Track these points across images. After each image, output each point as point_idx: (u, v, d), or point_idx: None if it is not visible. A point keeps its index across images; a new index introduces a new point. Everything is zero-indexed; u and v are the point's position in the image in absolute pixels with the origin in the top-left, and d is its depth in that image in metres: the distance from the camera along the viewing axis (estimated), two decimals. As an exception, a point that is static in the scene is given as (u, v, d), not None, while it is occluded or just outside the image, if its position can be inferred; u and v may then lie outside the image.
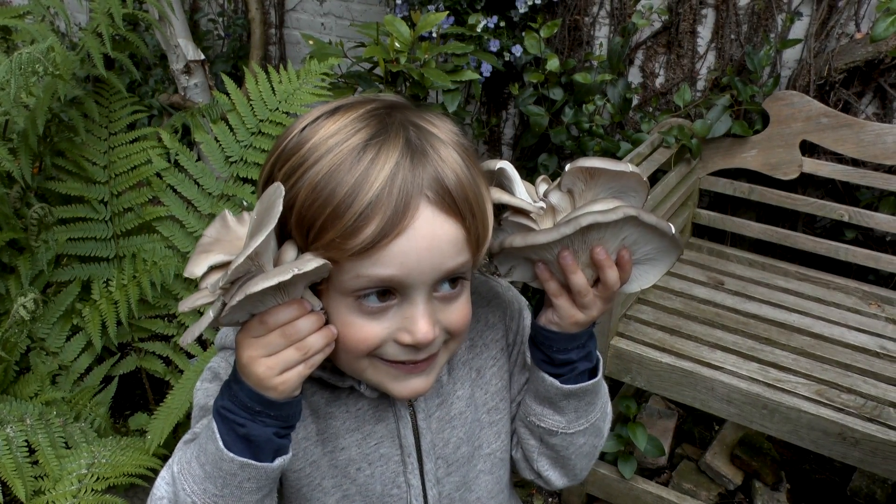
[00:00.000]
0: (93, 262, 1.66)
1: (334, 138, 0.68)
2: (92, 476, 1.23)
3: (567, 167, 0.74)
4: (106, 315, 1.57)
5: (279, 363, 0.66)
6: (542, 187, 0.78)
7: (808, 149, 2.13)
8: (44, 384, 1.47)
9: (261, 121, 1.62)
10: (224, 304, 0.65)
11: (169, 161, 1.68)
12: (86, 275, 1.64)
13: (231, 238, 0.72)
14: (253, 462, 0.69)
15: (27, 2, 3.63)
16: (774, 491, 1.99)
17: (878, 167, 2.04)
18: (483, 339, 0.88)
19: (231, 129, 1.63)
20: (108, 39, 1.47)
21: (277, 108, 1.63)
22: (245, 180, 1.61)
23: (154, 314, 1.66)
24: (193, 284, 1.64)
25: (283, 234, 0.70)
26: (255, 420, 0.68)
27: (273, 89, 1.65)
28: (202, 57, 2.50)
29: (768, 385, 1.69)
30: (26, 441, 1.24)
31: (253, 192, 1.61)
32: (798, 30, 2.14)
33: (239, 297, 0.63)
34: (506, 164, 0.77)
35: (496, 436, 0.88)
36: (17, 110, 1.31)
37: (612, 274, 0.74)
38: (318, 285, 0.71)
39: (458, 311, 0.74)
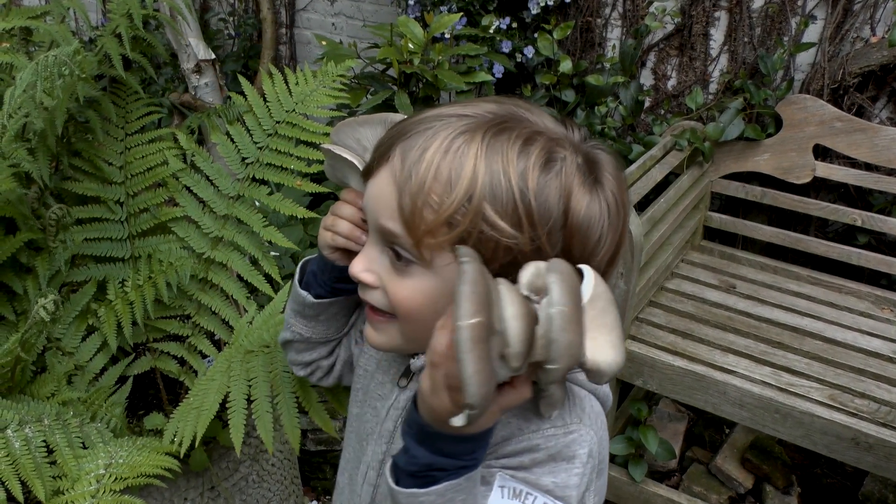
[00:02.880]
0: (108, 262, 1.66)
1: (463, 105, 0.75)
2: (110, 476, 1.23)
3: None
4: (121, 315, 1.57)
5: (324, 221, 0.87)
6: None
7: (821, 153, 2.13)
8: (60, 384, 1.47)
9: (277, 122, 1.62)
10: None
11: (185, 162, 1.68)
12: (101, 275, 1.63)
13: None
14: (297, 274, 0.95)
15: (39, 1, 3.63)
16: (785, 495, 1.99)
17: (891, 172, 2.03)
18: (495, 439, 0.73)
19: (248, 130, 1.63)
20: (128, 41, 1.47)
21: (294, 110, 1.62)
22: (261, 182, 1.61)
23: (169, 315, 1.66)
24: (208, 286, 1.64)
25: None
26: (317, 257, 0.93)
27: (290, 90, 1.65)
28: (213, 56, 2.50)
29: (781, 389, 1.69)
30: (44, 441, 1.24)
31: (269, 194, 1.61)
32: (812, 33, 2.14)
33: (321, 148, 0.92)
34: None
35: None
36: (37, 111, 1.31)
37: (437, 337, 0.66)
38: None
39: (401, 285, 0.72)
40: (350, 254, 0.85)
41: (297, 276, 0.95)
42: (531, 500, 0.70)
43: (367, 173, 0.75)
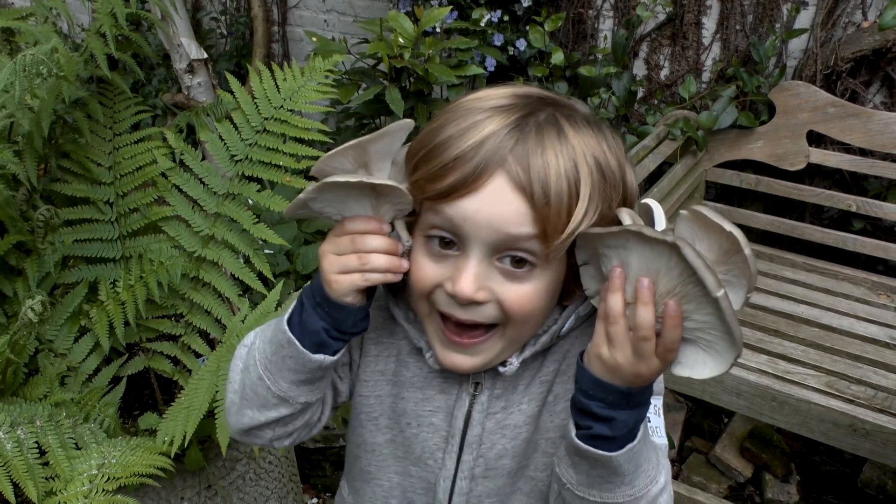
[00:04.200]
0: (99, 263, 1.66)
1: (477, 101, 0.73)
2: (102, 476, 1.23)
3: (682, 212, 0.69)
4: (113, 316, 1.57)
5: (339, 263, 0.73)
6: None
7: (815, 139, 2.12)
8: (53, 386, 1.46)
9: (265, 119, 1.62)
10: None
11: (174, 161, 1.68)
12: (93, 276, 1.63)
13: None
14: (296, 343, 0.76)
15: (29, 3, 3.63)
16: (784, 483, 1.99)
17: (885, 156, 2.03)
18: (573, 370, 0.79)
19: (236, 127, 1.62)
20: (112, 40, 1.46)
21: (282, 106, 1.62)
22: (251, 179, 1.60)
23: (161, 314, 1.66)
24: (200, 284, 1.64)
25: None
26: (314, 309, 0.76)
27: (277, 87, 1.64)
28: (205, 56, 2.49)
29: (777, 377, 1.68)
30: (37, 443, 1.24)
31: (259, 191, 1.61)
32: (804, 19, 2.13)
33: (319, 183, 0.70)
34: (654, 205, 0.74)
35: (546, 466, 0.84)
36: (22, 112, 1.31)
37: (645, 313, 0.65)
38: (412, 225, 0.77)
39: (520, 291, 0.73)
40: (363, 289, 0.77)
41: (297, 346, 0.76)
42: None
43: (457, 188, 0.69)
